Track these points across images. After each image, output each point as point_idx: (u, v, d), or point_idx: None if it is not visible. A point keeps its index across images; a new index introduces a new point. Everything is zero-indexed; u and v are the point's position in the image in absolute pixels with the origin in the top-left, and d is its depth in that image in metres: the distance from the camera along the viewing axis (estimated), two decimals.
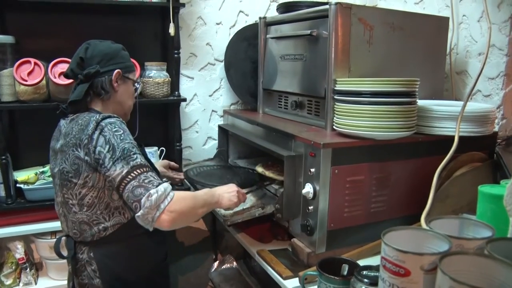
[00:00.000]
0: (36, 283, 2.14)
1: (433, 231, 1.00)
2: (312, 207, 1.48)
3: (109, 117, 1.41)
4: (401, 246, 0.91)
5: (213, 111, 2.58)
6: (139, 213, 1.27)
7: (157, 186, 1.29)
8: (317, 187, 1.45)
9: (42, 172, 2.10)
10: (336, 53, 1.61)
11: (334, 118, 1.59)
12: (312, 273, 1.36)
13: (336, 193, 1.46)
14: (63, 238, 1.54)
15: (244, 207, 1.61)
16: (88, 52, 1.49)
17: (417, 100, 1.54)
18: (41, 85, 1.95)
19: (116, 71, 1.51)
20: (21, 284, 2.12)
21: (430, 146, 1.61)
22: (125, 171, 1.29)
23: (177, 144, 2.30)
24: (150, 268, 1.56)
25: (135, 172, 1.29)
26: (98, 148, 1.33)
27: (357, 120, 1.48)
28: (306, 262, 1.51)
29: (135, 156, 1.33)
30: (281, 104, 2.09)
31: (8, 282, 2.10)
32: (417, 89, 1.52)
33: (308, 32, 1.73)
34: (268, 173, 1.90)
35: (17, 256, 2.09)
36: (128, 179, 1.28)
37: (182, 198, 1.33)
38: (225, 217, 1.58)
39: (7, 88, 1.97)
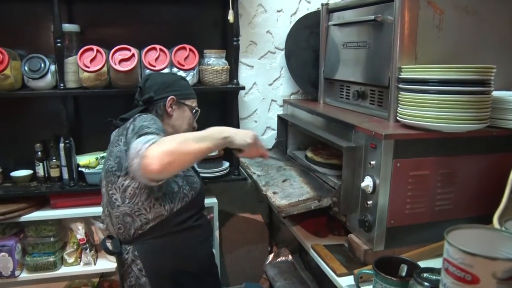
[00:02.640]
0: (95, 264, 2.22)
1: (510, 232, 0.89)
2: (371, 201, 1.42)
3: (146, 114, 1.54)
4: (469, 248, 0.81)
5: (272, 100, 2.54)
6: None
7: None
8: (377, 180, 1.38)
9: (103, 157, 2.16)
10: (402, 39, 1.52)
11: (398, 108, 1.51)
12: (368, 271, 1.29)
13: (397, 187, 1.39)
14: (107, 239, 1.57)
15: (299, 199, 1.57)
16: (147, 83, 1.66)
17: (492, 90, 1.41)
18: (103, 72, 2.00)
19: (170, 97, 1.63)
20: (81, 264, 2.21)
21: (506, 141, 1.48)
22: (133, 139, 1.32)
23: None
24: (197, 265, 1.58)
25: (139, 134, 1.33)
26: (129, 135, 1.41)
27: (422, 111, 1.38)
28: (362, 259, 1.45)
29: (147, 128, 1.36)
30: (343, 94, 2.03)
31: (70, 260, 2.19)
32: (492, 78, 1.39)
33: (372, 17, 1.65)
34: (316, 158, 1.90)
35: (78, 236, 2.18)
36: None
37: (166, 139, 1.26)
38: (279, 208, 1.54)
39: (72, 75, 2.04)
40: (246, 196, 2.60)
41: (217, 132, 1.37)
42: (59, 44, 1.95)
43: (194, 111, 1.72)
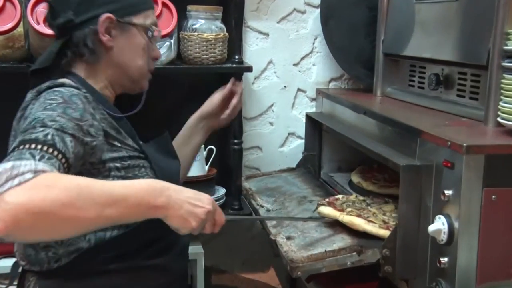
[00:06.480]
0: None
1: None
2: (446, 259, 1.40)
3: (63, 85, 1.46)
4: None
5: (299, 90, 2.55)
6: None
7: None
8: (456, 223, 1.35)
9: None
10: None
11: (501, 103, 1.48)
12: None
13: (493, 236, 1.38)
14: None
15: (327, 249, 1.57)
16: None
17: None
18: (17, 35, 2.02)
19: (105, 16, 1.51)
20: None
21: None
22: (13, 146, 1.25)
23: (236, 141, 2.30)
24: None
25: (19, 147, 1.23)
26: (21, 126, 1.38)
27: None
28: None
29: (41, 129, 1.28)
30: (414, 81, 2.06)
31: None
32: None
33: None
34: (366, 185, 1.92)
35: None
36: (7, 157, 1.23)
37: (43, 185, 1.14)
38: (293, 263, 1.53)
39: None
40: (254, 244, 2.62)
41: (149, 193, 1.27)
42: None
43: (149, 32, 1.62)
